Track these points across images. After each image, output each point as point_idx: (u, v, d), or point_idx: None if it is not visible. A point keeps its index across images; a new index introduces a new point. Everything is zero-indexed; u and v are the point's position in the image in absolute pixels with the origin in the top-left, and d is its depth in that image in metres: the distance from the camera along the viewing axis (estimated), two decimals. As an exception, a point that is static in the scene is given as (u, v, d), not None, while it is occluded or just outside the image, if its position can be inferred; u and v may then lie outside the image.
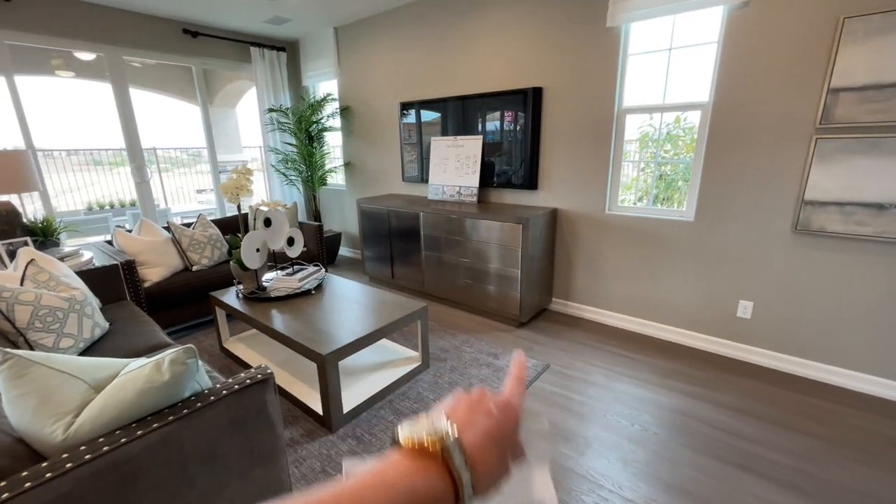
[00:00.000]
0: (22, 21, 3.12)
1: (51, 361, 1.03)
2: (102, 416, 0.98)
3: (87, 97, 6.00)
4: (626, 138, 2.82)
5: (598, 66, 2.70)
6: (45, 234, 2.65)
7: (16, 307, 1.69)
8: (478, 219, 2.98)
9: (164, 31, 3.83)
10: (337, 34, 4.29)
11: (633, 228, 2.78)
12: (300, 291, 2.50)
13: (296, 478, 1.67)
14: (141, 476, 1.00)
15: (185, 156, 8.29)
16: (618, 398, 2.16)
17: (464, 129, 3.45)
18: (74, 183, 6.08)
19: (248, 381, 1.20)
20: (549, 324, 3.07)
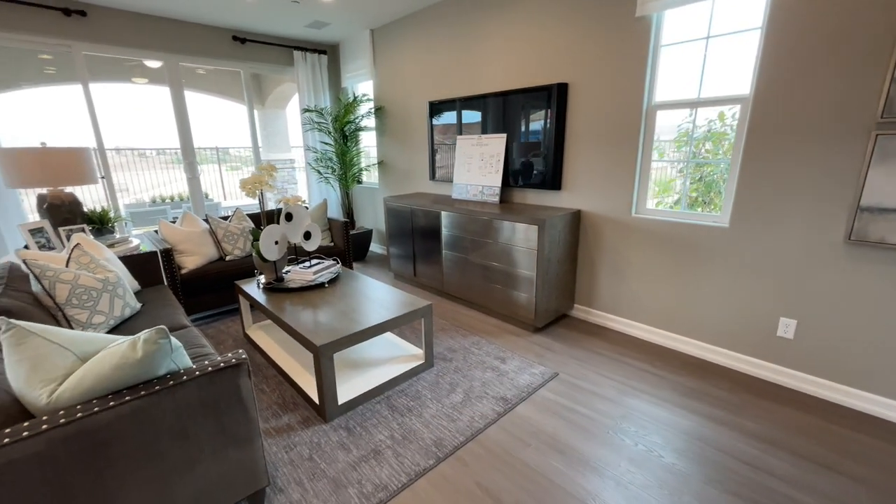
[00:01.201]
0: (96, 34, 3.52)
1: (46, 333, 1.14)
2: (81, 385, 1.08)
3: (156, 101, 6.65)
4: (661, 137, 2.62)
5: (626, 59, 2.53)
6: (102, 223, 2.97)
7: (57, 285, 1.90)
8: (496, 219, 2.92)
9: (216, 39, 4.15)
10: (373, 36, 4.40)
11: (662, 233, 2.58)
12: (314, 284, 2.59)
13: (283, 462, 1.72)
14: (113, 444, 1.08)
15: (248, 153, 8.93)
16: (627, 415, 2.01)
17: (489, 128, 3.40)
18: (147, 179, 6.77)
19: (222, 364, 1.26)
20: (568, 331, 2.93)
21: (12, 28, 3.17)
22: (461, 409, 2.05)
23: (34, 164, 2.52)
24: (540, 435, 1.88)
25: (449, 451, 1.77)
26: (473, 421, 1.96)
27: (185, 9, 3.61)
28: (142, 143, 7.04)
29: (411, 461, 1.72)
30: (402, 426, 1.94)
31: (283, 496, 1.56)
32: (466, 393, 2.19)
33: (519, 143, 3.20)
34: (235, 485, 1.35)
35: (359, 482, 1.61)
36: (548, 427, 1.93)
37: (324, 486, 1.60)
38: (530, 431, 1.90)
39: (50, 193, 2.76)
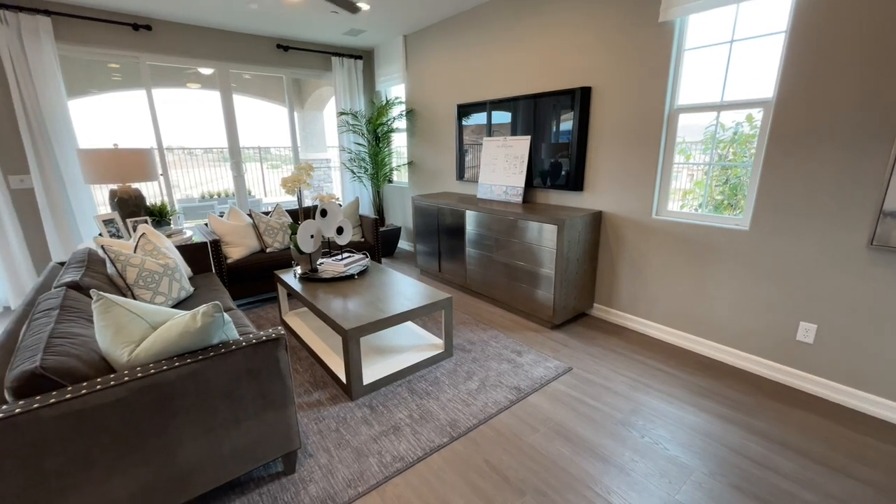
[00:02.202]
0: (159, 45, 3.90)
1: (126, 304, 1.38)
2: (153, 348, 1.30)
3: (206, 104, 7.16)
4: (687, 139, 2.64)
5: (649, 63, 2.58)
6: (161, 215, 3.32)
7: (127, 268, 2.20)
8: (518, 218, 3.03)
9: (262, 48, 4.47)
10: (406, 42, 4.60)
11: (682, 235, 2.61)
12: (344, 275, 2.80)
13: (313, 432, 1.92)
14: (176, 398, 1.30)
15: (287, 153, 9.43)
16: (636, 410, 2.08)
17: (514, 130, 3.50)
18: (195, 176, 7.31)
19: (264, 337, 1.46)
20: (586, 329, 3.00)
21: (91, 43, 3.59)
22: (476, 396, 2.19)
23: (109, 163, 2.87)
24: (549, 423, 1.98)
25: (462, 432, 1.91)
26: (487, 406, 2.09)
27: (236, 21, 3.93)
28: (190, 142, 7.60)
29: (427, 438, 1.87)
30: (420, 407, 2.10)
31: (312, 460, 1.75)
32: (482, 381, 2.32)
33: (543, 145, 3.29)
34: (272, 444, 1.56)
35: (379, 453, 1.79)
36: (557, 416, 2.03)
37: (348, 454, 1.79)
38: (540, 419, 2.01)
39: (119, 189, 3.13)
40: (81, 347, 1.33)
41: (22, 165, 3.44)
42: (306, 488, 1.61)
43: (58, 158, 3.47)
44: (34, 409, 1.09)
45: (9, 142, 3.37)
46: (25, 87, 3.28)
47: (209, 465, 1.42)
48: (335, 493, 1.58)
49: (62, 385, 1.18)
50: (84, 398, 1.15)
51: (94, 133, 6.14)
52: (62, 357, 1.23)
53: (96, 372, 1.28)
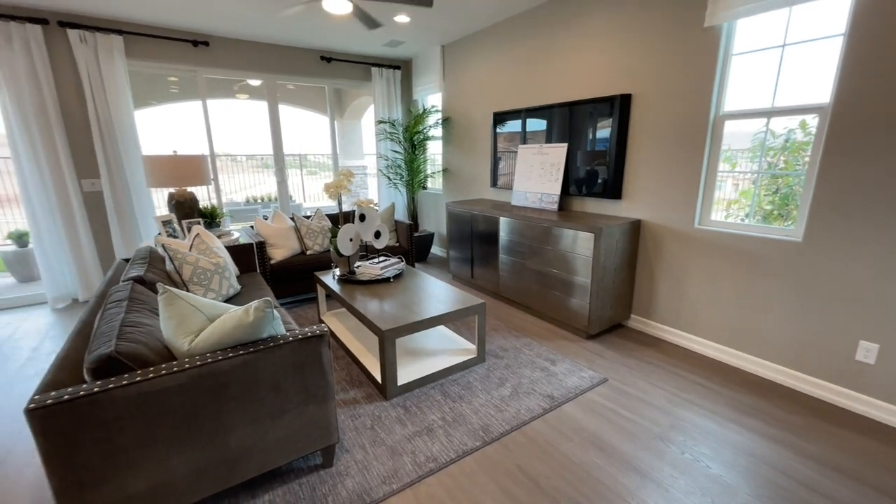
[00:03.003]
0: (215, 60, 4.19)
1: (188, 298, 1.49)
2: (210, 339, 1.40)
3: (251, 113, 7.57)
4: (733, 146, 2.55)
5: (693, 69, 2.52)
6: (212, 217, 3.54)
7: (183, 266, 2.36)
8: (553, 226, 3.01)
9: (307, 59, 4.70)
10: (443, 51, 4.70)
11: (727, 246, 2.51)
12: (380, 278, 2.88)
13: (349, 428, 1.99)
14: (229, 386, 1.39)
15: (328, 160, 9.82)
16: (676, 424, 2.01)
17: (551, 138, 3.50)
18: (238, 181, 7.72)
19: (309, 333, 1.54)
20: (622, 340, 2.93)
21: (156, 58, 3.90)
22: (508, 402, 2.19)
23: (169, 168, 3.11)
24: (583, 433, 1.95)
25: (494, 437, 1.92)
26: (519, 413, 2.09)
27: (285, 35, 4.16)
28: (235, 149, 8.06)
29: (460, 441, 1.89)
30: (453, 410, 2.12)
31: (349, 455, 1.81)
32: (515, 388, 2.32)
33: (580, 153, 3.26)
34: (313, 437, 1.63)
35: (412, 452, 1.82)
36: (591, 426, 2.00)
37: (383, 451, 1.83)
38: (574, 428, 1.98)
39: (177, 192, 3.37)
40: (148, 336, 1.45)
41: (93, 170, 3.78)
42: (343, 482, 1.66)
43: (124, 164, 3.79)
44: (109, 389, 1.20)
45: (83, 149, 3.71)
46: (99, 100, 3.61)
47: (255, 453, 1.50)
48: (370, 489, 1.63)
49: (132, 369, 1.30)
50: (151, 381, 1.25)
51: (152, 141, 6.64)
52: (132, 343, 1.35)
53: (160, 358, 1.40)
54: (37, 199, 3.54)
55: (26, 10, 3.32)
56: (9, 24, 3.21)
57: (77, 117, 3.65)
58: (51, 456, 1.14)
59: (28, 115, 3.38)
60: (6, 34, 3.22)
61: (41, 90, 3.41)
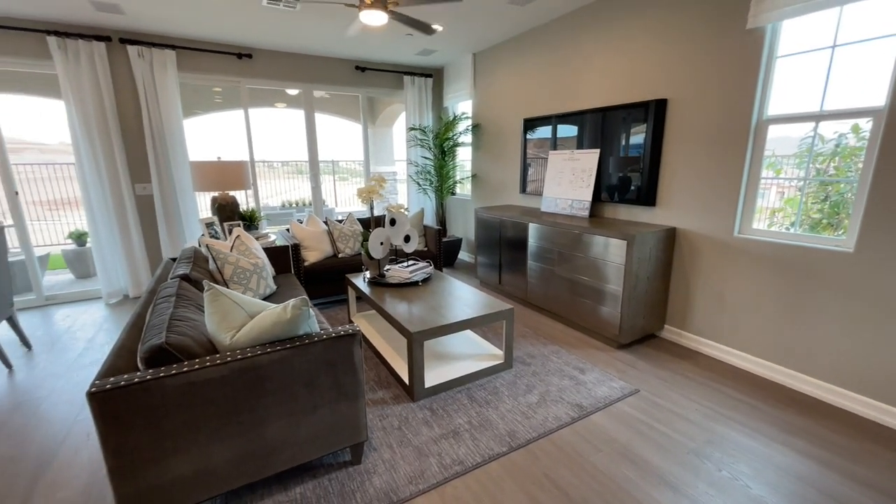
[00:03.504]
0: (257, 71, 4.41)
1: (230, 295, 1.58)
2: (250, 334, 1.48)
3: (288, 121, 7.89)
4: (777, 152, 2.45)
5: (734, 72, 2.44)
6: (251, 220, 3.71)
7: (225, 265, 2.49)
8: (584, 232, 2.97)
9: (342, 70, 4.87)
10: (474, 59, 4.76)
11: (770, 256, 2.40)
12: (409, 282, 2.92)
13: (377, 427, 2.02)
14: (267, 379, 1.46)
15: (358, 166, 10.10)
16: (713, 440, 1.93)
17: (582, 144, 3.46)
18: (272, 186, 8.05)
19: (342, 332, 1.59)
20: (655, 351, 2.84)
21: (204, 71, 4.16)
22: (536, 409, 2.16)
23: (214, 173, 3.29)
24: (613, 444, 1.91)
25: (521, 443, 1.90)
26: (547, 421, 2.06)
27: (322, 46, 4.33)
28: (270, 155, 8.42)
29: (486, 445, 1.89)
30: (479, 415, 2.12)
31: (376, 454, 1.85)
32: (542, 396, 2.29)
33: (612, 158, 3.21)
34: (343, 433, 1.67)
35: (439, 454, 1.84)
36: (622, 438, 1.94)
37: (409, 452, 1.86)
38: (603, 439, 1.94)
39: (220, 196, 3.56)
40: (193, 329, 1.54)
41: (145, 175, 4.05)
42: (371, 479, 1.70)
43: (172, 170, 4.04)
44: (160, 378, 1.29)
45: (137, 155, 3.98)
46: (153, 110, 3.87)
47: (289, 446, 1.56)
48: (397, 488, 1.65)
49: (179, 359, 1.38)
50: (198, 372, 1.33)
51: (197, 149, 7.04)
52: (180, 336, 1.44)
53: (205, 351, 1.48)
54: (96, 202, 3.82)
55: (93, 29, 3.62)
56: (77, 42, 3.51)
57: (133, 126, 3.93)
58: (107, 436, 1.23)
59: (91, 124, 3.67)
60: (75, 51, 3.53)
61: (103, 102, 3.70)
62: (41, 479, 1.74)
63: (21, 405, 2.28)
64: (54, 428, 2.08)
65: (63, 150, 8.68)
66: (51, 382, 2.51)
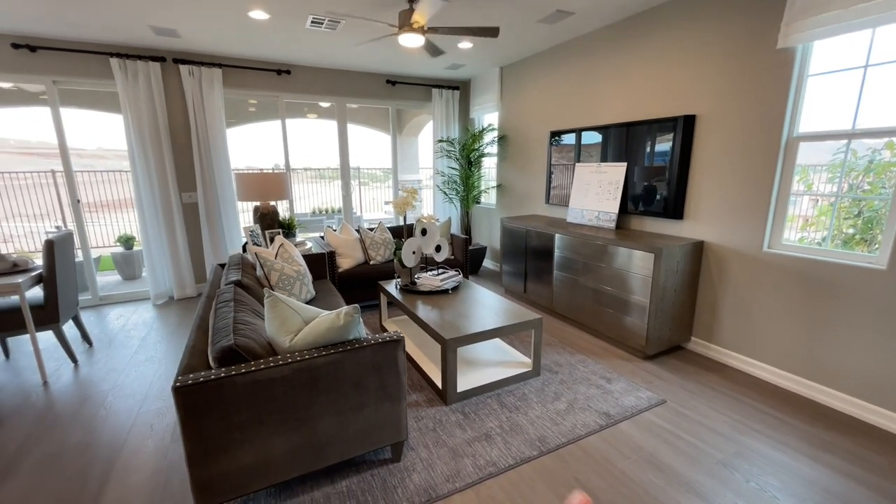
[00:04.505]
0: (294, 85, 4.66)
1: (288, 302, 1.73)
2: (306, 338, 1.63)
3: (318, 132, 8.19)
4: (808, 168, 2.47)
5: (764, 90, 2.48)
6: (289, 228, 3.92)
7: (271, 272, 2.67)
8: (611, 244, 3.04)
9: (374, 84, 5.08)
10: (501, 73, 4.88)
11: (800, 272, 2.42)
12: (440, 289, 3.05)
13: (413, 428, 2.15)
14: (321, 380, 1.60)
15: (380, 173, 10.38)
16: (741, 453, 1.97)
17: (609, 157, 3.53)
18: (304, 193, 8.35)
19: (388, 338, 1.73)
20: (681, 363, 2.87)
21: (247, 86, 4.42)
22: (564, 416, 2.25)
23: (257, 184, 3.51)
24: (640, 451, 1.97)
25: (551, 448, 1.99)
26: (575, 427, 2.14)
27: (356, 62, 4.54)
28: (300, 163, 8.75)
29: (517, 449, 1.99)
30: (509, 420, 2.22)
31: (414, 453, 1.97)
32: (570, 403, 2.37)
33: (639, 172, 3.27)
34: (386, 432, 1.80)
35: (473, 456, 1.94)
36: (649, 446, 2.01)
37: (445, 452, 1.97)
38: (631, 447, 2.01)
39: (262, 205, 3.78)
40: (254, 332, 1.70)
41: (192, 184, 4.32)
42: (410, 476, 1.82)
43: (216, 179, 4.30)
44: (231, 375, 1.44)
45: (185, 166, 4.26)
46: (200, 123, 4.15)
47: (338, 441, 1.70)
48: (435, 485, 1.76)
49: (244, 359, 1.54)
50: (263, 371, 1.49)
51: (232, 158, 7.38)
52: (245, 338, 1.60)
53: (265, 352, 1.64)
54: (147, 209, 4.11)
55: (151, 50, 3.93)
56: (136, 62, 3.81)
57: (181, 138, 4.21)
58: (188, 426, 1.39)
59: (145, 136, 3.96)
60: (133, 71, 3.83)
61: (156, 116, 3.99)
62: (114, 465, 1.93)
63: (89, 397, 2.50)
64: (120, 419, 2.28)
65: (101, 155, 9.23)
66: (113, 377, 2.74)
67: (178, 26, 3.32)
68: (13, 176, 7.03)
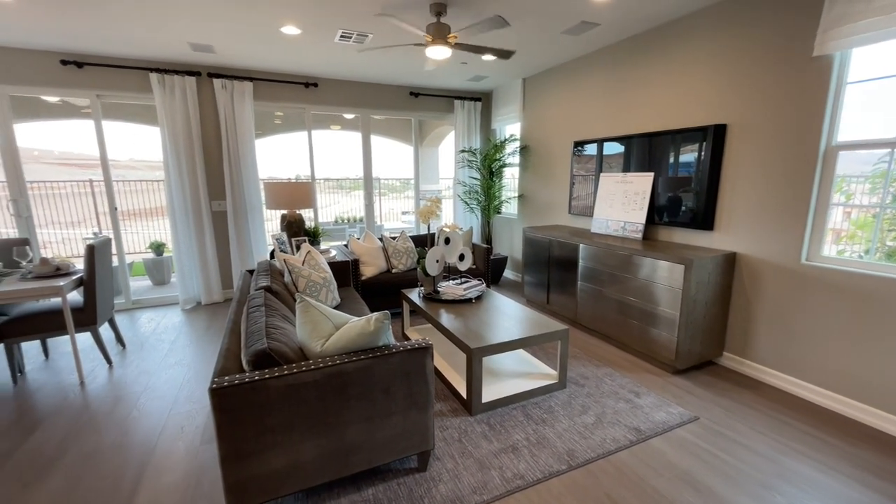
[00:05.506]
0: (321, 98, 4.79)
1: (319, 307, 1.76)
2: (337, 343, 1.64)
3: (340, 142, 8.37)
4: (849, 178, 2.39)
5: (799, 99, 2.42)
6: (314, 236, 3.99)
7: (298, 278, 2.72)
8: (638, 255, 2.98)
9: (397, 95, 5.17)
10: (524, 84, 4.91)
11: (843, 285, 2.32)
12: (463, 298, 3.04)
13: (439, 438, 2.13)
14: (350, 385, 1.61)
15: (398, 183, 10.52)
16: (782, 474, 1.88)
17: (636, 167, 3.49)
18: (325, 201, 8.51)
19: (416, 345, 1.73)
20: (714, 378, 2.77)
21: (275, 99, 4.57)
22: (593, 430, 2.19)
23: (285, 193, 3.60)
24: (674, 469, 1.90)
25: (580, 463, 1.94)
26: (605, 442, 2.08)
27: (381, 74, 4.64)
28: (323, 173, 8.95)
29: (545, 462, 1.94)
30: (536, 432, 2.17)
31: (440, 463, 1.95)
32: (598, 417, 2.31)
33: (667, 182, 3.21)
34: (413, 440, 1.79)
35: (500, 468, 1.91)
36: (683, 464, 1.93)
37: (471, 463, 1.94)
38: (664, 464, 1.94)
39: (289, 213, 3.87)
40: (286, 337, 1.73)
41: (221, 193, 4.46)
42: (436, 487, 1.79)
43: (244, 189, 4.43)
44: (265, 378, 1.46)
45: (215, 175, 4.41)
46: (230, 134, 4.29)
47: (366, 448, 1.69)
48: (462, 497, 1.74)
49: (277, 363, 1.56)
50: (296, 375, 1.50)
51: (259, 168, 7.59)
52: (277, 342, 1.62)
53: (296, 356, 1.65)
54: (179, 216, 4.25)
55: (187, 65, 4.11)
56: (174, 77, 3.99)
57: (213, 149, 4.36)
58: (222, 427, 1.41)
59: (179, 147, 4.12)
60: (171, 85, 4.00)
61: (190, 128, 4.15)
62: (147, 465, 1.97)
63: (122, 398, 2.57)
64: (152, 420, 2.34)
65: (133, 165, 9.63)
66: (144, 379, 2.82)
67: (215, 42, 3.47)
68: (53, 185, 7.39)
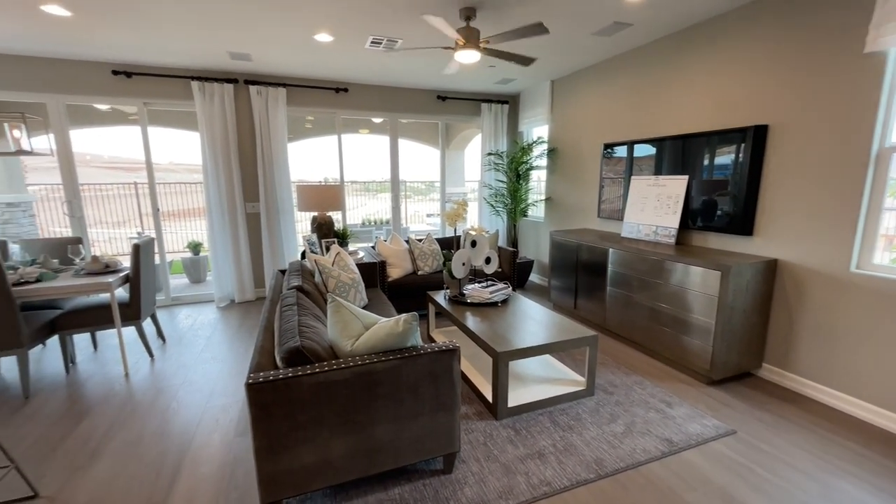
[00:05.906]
0: (351, 103, 4.90)
1: (349, 307, 1.80)
2: (367, 343, 1.67)
3: (366, 145, 8.54)
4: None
5: (848, 98, 2.29)
6: (343, 238, 4.08)
7: (328, 279, 2.79)
8: (672, 261, 2.89)
9: (425, 100, 5.23)
10: (552, 86, 4.86)
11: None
12: (489, 302, 3.03)
13: (464, 441, 2.13)
14: (379, 384, 1.63)
15: (423, 186, 10.62)
16: (828, 494, 1.77)
17: (668, 169, 3.39)
18: (352, 204, 8.67)
19: (444, 347, 1.74)
20: (752, 391, 2.65)
21: (307, 104, 4.71)
22: (622, 439, 2.13)
23: (316, 195, 3.70)
24: (709, 484, 1.83)
25: (609, 472, 1.89)
26: (635, 452, 2.03)
27: (409, 78, 4.71)
28: (350, 176, 9.14)
29: (572, 470, 1.91)
30: (563, 439, 2.14)
31: (465, 466, 1.94)
32: (628, 426, 2.25)
33: (703, 185, 3.11)
34: (439, 441, 1.80)
35: (526, 473, 1.89)
36: (719, 479, 1.86)
37: (496, 467, 1.93)
38: (698, 478, 1.87)
39: (319, 215, 3.97)
40: (317, 335, 1.77)
41: (255, 195, 4.63)
42: (462, 489, 1.79)
43: (277, 191, 4.58)
44: (298, 375, 1.51)
45: (250, 178, 4.58)
46: (265, 139, 4.45)
47: (393, 448, 1.72)
48: (489, 501, 1.73)
49: (309, 360, 1.61)
50: (327, 373, 1.54)
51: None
52: (309, 341, 1.67)
53: (327, 355, 1.70)
54: (215, 217, 4.44)
55: (225, 73, 4.30)
56: (213, 84, 4.18)
57: (248, 153, 4.53)
58: (258, 421, 1.47)
59: (217, 151, 4.31)
60: (210, 92, 4.20)
61: (227, 132, 4.33)
62: (186, 455, 2.07)
63: (163, 390, 2.71)
64: (190, 412, 2.44)
65: (173, 169, 10.11)
66: (183, 372, 2.95)
67: (252, 50, 3.61)
68: (101, 187, 7.86)
